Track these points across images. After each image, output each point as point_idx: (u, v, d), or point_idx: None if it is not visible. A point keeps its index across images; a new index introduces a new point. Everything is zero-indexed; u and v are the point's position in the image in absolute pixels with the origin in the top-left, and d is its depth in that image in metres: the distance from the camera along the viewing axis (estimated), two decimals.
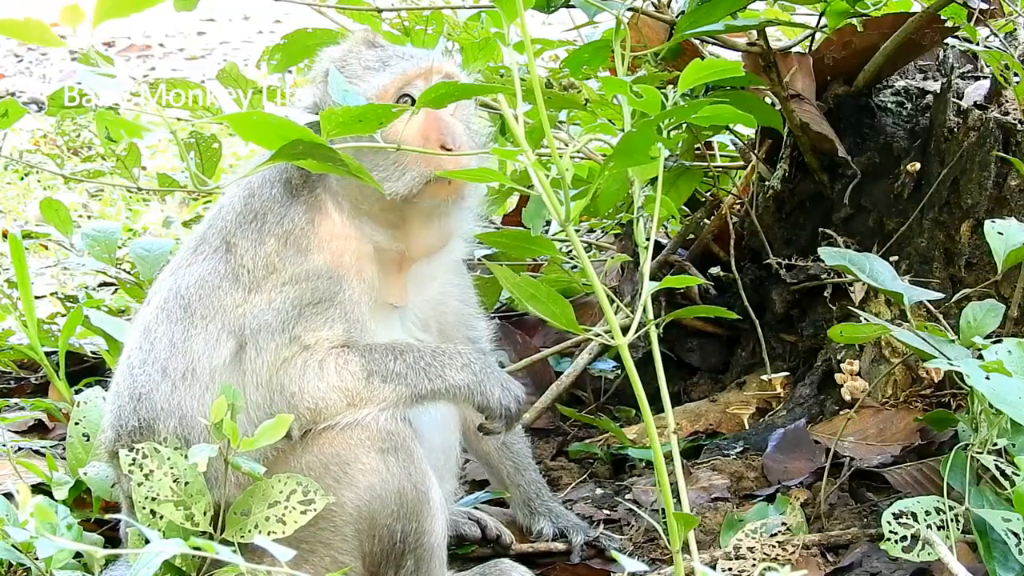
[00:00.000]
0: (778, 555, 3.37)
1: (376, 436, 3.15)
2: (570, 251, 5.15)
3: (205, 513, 3.09)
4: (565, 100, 4.05)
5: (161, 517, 3.06)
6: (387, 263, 3.31)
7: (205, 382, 3.21)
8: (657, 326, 2.97)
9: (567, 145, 3.60)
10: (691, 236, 4.61)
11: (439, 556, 3.23)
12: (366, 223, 3.26)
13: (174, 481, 3.09)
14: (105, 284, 6.15)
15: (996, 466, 3.20)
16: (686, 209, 4.67)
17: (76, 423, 3.87)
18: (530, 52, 2.66)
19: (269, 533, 3.02)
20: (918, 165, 4.04)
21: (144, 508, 3.07)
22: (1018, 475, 3.15)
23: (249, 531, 3.04)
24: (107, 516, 3.67)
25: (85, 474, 3.75)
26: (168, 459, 3.10)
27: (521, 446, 3.77)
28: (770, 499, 3.71)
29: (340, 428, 3.16)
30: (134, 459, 3.09)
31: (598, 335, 2.85)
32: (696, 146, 4.35)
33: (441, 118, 3.22)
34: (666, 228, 4.84)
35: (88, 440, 3.84)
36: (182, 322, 3.25)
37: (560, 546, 3.69)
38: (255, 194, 3.29)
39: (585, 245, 5.06)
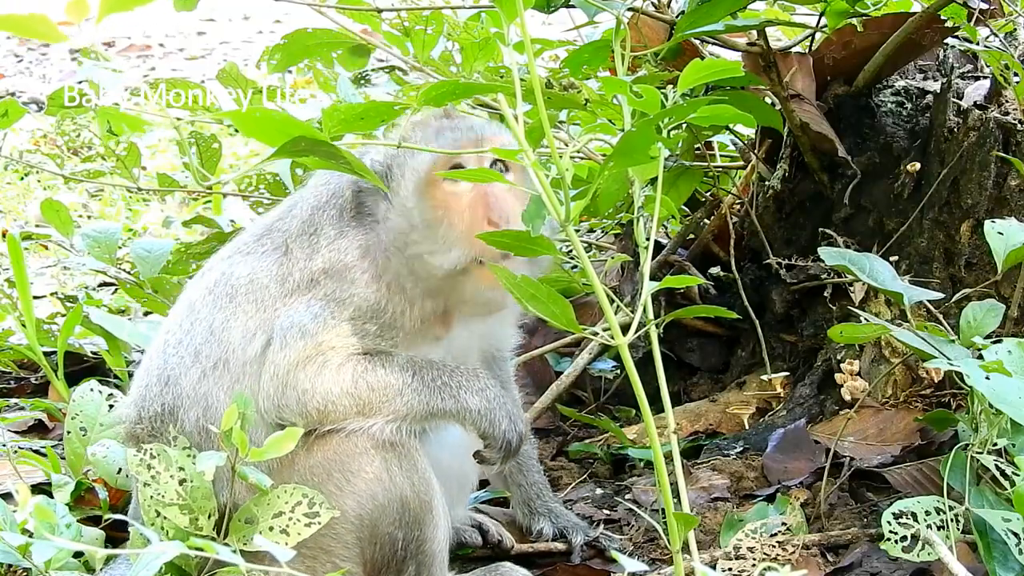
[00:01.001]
0: (778, 555, 3.37)
1: (380, 444, 3.15)
2: (570, 251, 5.15)
3: (210, 517, 3.09)
4: (565, 100, 4.04)
5: (166, 519, 3.06)
6: (423, 322, 3.27)
7: (236, 374, 3.21)
8: (657, 326, 2.97)
9: (567, 145, 3.59)
10: (691, 236, 4.61)
11: (440, 562, 3.23)
12: (409, 280, 3.22)
13: (180, 484, 3.09)
14: (105, 284, 6.15)
15: (996, 466, 3.20)
16: (686, 209, 4.67)
17: (73, 418, 3.87)
18: (530, 52, 2.65)
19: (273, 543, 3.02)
20: (918, 165, 4.04)
21: (149, 510, 3.07)
22: (1018, 475, 3.15)
23: (252, 538, 3.03)
24: (107, 516, 3.67)
25: (93, 454, 3.74)
26: (176, 462, 3.10)
27: (528, 447, 3.76)
28: (770, 499, 3.71)
29: (344, 434, 3.15)
30: (141, 459, 3.09)
31: (597, 335, 2.84)
32: (696, 146, 4.35)
33: (492, 193, 3.11)
34: (666, 228, 4.84)
35: (85, 434, 3.84)
36: (224, 310, 3.26)
37: (560, 546, 3.69)
38: (322, 207, 3.28)
39: (585, 245, 5.06)
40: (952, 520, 3.16)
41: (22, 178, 8.11)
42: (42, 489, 3.85)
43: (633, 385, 2.76)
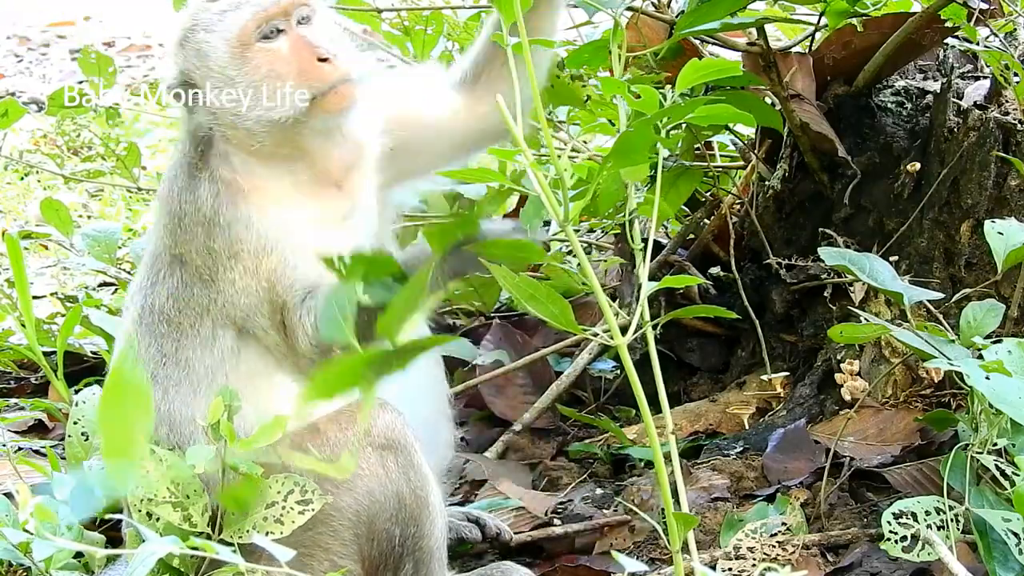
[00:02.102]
0: (778, 555, 3.37)
1: (376, 441, 3.15)
2: (570, 251, 5.15)
3: (203, 514, 3.09)
4: (565, 94, 4.03)
5: (158, 519, 3.06)
6: (315, 185, 3.28)
7: (205, 385, 3.21)
8: (655, 326, 2.97)
9: (566, 145, 3.60)
10: (691, 236, 4.60)
11: (439, 558, 3.23)
12: (269, 166, 3.25)
13: (169, 480, 3.09)
14: (105, 284, 6.14)
15: (996, 466, 3.20)
16: (686, 209, 4.67)
17: (75, 422, 3.87)
18: (527, 52, 2.65)
19: (267, 533, 3.02)
20: (918, 165, 4.04)
21: (141, 510, 3.07)
22: (1018, 475, 3.15)
23: (247, 531, 3.04)
24: (107, 516, 3.67)
25: (90, 467, 3.75)
26: (164, 460, 3.10)
27: None
28: (770, 499, 3.71)
29: (340, 431, 3.15)
30: None
31: (597, 335, 2.84)
32: (696, 146, 4.34)
33: (305, 35, 3.21)
34: (666, 228, 4.84)
35: (87, 439, 3.84)
36: (170, 336, 3.25)
37: (558, 530, 3.70)
38: (171, 196, 3.27)
39: (585, 245, 5.05)
40: (952, 520, 3.16)
41: (22, 178, 8.11)
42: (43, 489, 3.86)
43: (632, 385, 2.76)
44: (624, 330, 2.78)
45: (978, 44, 4.08)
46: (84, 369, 4.83)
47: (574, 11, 4.03)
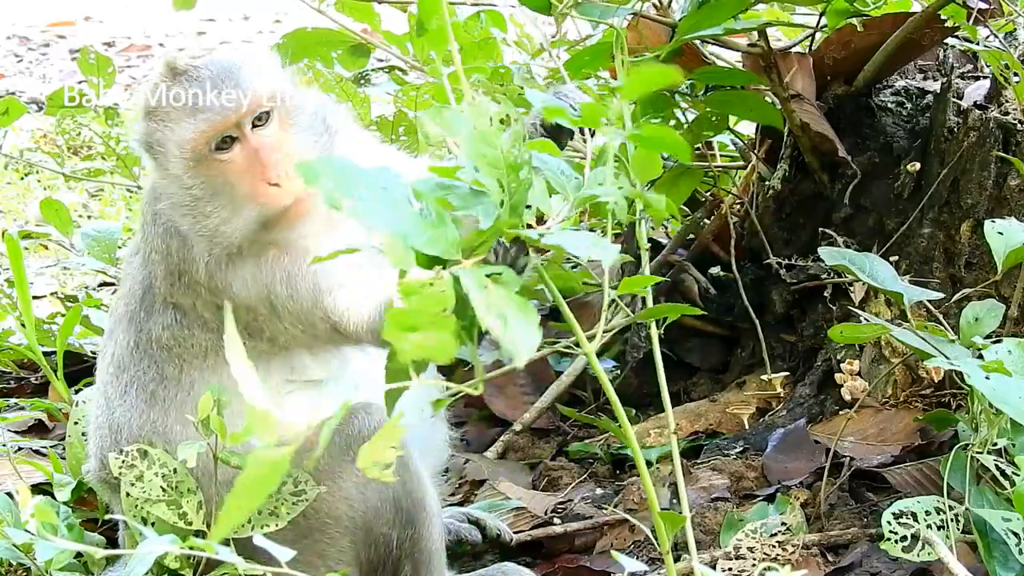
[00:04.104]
0: (778, 555, 3.37)
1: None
2: None
3: (198, 511, 3.09)
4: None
5: (153, 524, 3.06)
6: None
7: (180, 404, 3.21)
8: (658, 328, 2.96)
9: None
10: (691, 236, 4.61)
11: (438, 559, 3.23)
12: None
13: (163, 479, 3.09)
14: (105, 284, 6.14)
15: (996, 466, 3.20)
16: (686, 209, 4.67)
17: (75, 423, 3.88)
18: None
19: (263, 527, 3.02)
20: (918, 165, 4.04)
21: (137, 511, 3.07)
22: (1018, 475, 3.15)
23: (242, 526, 3.03)
24: (108, 516, 3.67)
25: (87, 472, 3.75)
26: (158, 459, 3.10)
27: None
28: (770, 499, 3.71)
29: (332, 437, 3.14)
30: (124, 460, 3.09)
31: (593, 338, 2.82)
32: (696, 146, 4.35)
33: (262, 149, 3.04)
34: (666, 228, 4.84)
35: (87, 439, 3.84)
36: (171, 361, 3.23)
37: (559, 529, 3.70)
38: (169, 252, 3.19)
39: None
40: (952, 520, 3.16)
41: (22, 177, 8.11)
42: (43, 489, 3.86)
43: (606, 391, 2.65)
44: (624, 331, 2.76)
45: (978, 44, 4.08)
46: (84, 369, 4.83)
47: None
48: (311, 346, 3.22)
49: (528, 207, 2.32)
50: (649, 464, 4.01)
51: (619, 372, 4.58)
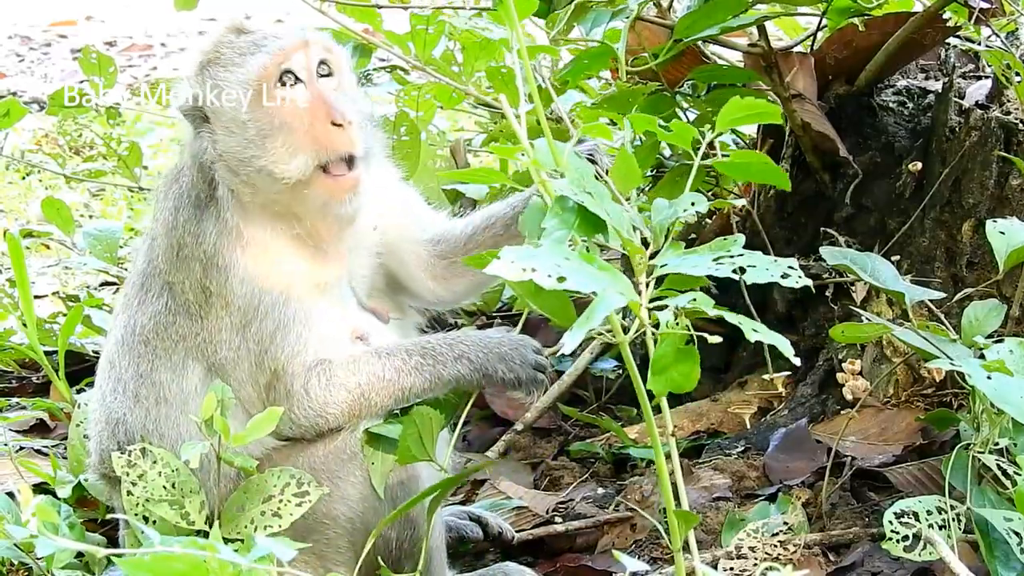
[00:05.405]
0: (779, 554, 3.37)
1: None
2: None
3: (200, 511, 3.09)
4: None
5: (155, 522, 3.05)
6: (308, 244, 3.23)
7: (178, 406, 3.20)
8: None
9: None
10: (692, 236, 4.60)
11: (438, 558, 3.23)
12: (264, 217, 3.19)
13: (166, 479, 3.09)
14: (107, 283, 6.15)
15: (998, 465, 3.20)
16: None
17: (77, 424, 3.87)
18: (525, 55, 2.66)
19: (265, 527, 3.02)
20: (920, 165, 4.04)
21: (138, 511, 3.06)
22: (1020, 474, 3.15)
23: (245, 527, 3.03)
24: (109, 516, 3.68)
25: (85, 480, 3.76)
26: (160, 459, 3.10)
27: None
28: (772, 498, 3.71)
29: (331, 441, 3.14)
30: (127, 459, 3.09)
31: (601, 334, 2.83)
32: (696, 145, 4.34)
33: (326, 94, 3.13)
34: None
35: (88, 440, 3.84)
36: (146, 356, 3.24)
37: (560, 528, 3.70)
38: (176, 224, 3.21)
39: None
40: (954, 520, 3.16)
41: (24, 177, 8.11)
42: (44, 489, 3.86)
43: (634, 383, 2.74)
44: (625, 330, 2.78)
45: (980, 44, 4.08)
46: (85, 369, 4.83)
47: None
48: (239, 376, 3.20)
49: None
50: (650, 464, 4.01)
51: (621, 372, 4.58)
